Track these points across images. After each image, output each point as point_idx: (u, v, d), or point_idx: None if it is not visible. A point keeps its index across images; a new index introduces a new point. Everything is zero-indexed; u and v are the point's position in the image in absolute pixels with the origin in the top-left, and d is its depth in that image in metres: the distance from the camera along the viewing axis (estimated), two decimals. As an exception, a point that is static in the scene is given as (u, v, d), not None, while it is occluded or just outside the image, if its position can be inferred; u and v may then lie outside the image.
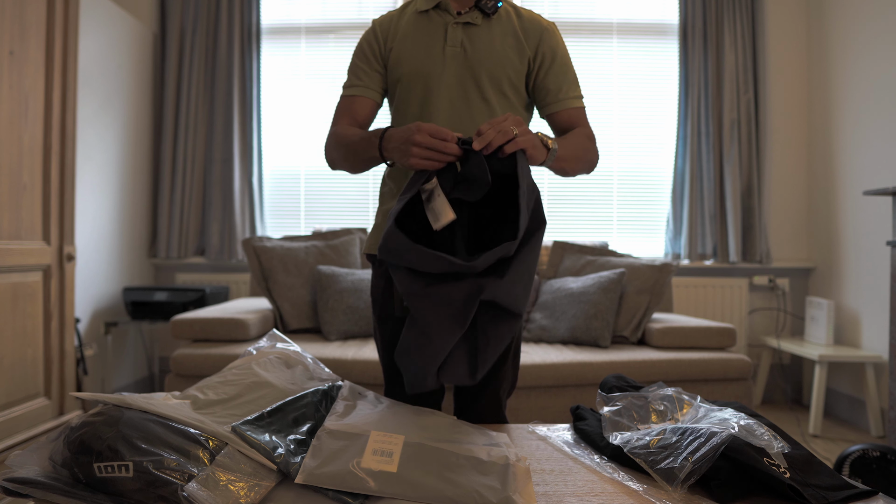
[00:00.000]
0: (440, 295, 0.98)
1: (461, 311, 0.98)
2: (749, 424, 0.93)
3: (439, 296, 0.98)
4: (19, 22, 2.07)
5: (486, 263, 0.98)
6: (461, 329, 0.99)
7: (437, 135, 1.04)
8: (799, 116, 3.59)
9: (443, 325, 0.98)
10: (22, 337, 2.13)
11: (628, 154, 3.58)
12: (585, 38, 3.58)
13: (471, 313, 0.98)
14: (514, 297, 1.02)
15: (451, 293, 0.98)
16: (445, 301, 0.98)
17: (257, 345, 1.17)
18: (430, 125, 1.05)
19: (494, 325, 1.02)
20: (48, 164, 2.24)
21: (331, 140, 1.30)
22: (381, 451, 0.84)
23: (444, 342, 0.98)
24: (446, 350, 0.99)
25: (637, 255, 3.30)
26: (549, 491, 0.88)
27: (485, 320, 1.02)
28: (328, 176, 3.60)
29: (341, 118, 1.33)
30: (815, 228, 3.54)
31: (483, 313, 1.02)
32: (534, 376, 2.30)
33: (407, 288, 1.00)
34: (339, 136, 1.27)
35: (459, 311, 0.98)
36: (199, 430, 0.81)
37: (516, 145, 1.04)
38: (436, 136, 1.04)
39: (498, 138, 1.02)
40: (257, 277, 2.76)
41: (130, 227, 3.36)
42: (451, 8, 1.29)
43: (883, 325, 2.93)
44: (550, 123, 1.35)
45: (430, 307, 0.98)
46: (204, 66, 3.50)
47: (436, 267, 0.98)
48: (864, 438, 2.87)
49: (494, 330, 1.02)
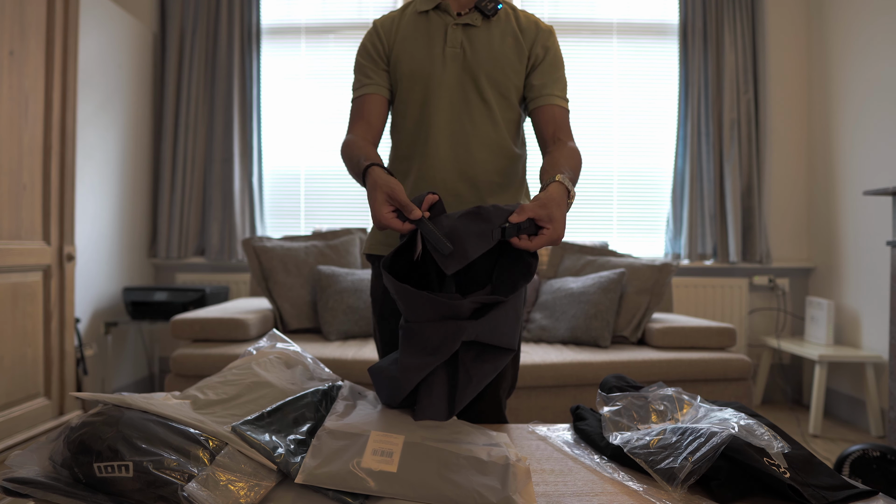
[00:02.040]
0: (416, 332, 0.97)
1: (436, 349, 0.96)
2: (749, 424, 0.93)
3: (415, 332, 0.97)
4: (19, 22, 2.07)
5: (473, 307, 0.97)
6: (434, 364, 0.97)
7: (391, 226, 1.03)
8: (799, 116, 3.59)
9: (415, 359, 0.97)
10: (22, 337, 2.13)
11: (628, 154, 3.58)
12: (585, 38, 3.59)
13: (448, 351, 0.96)
14: (499, 334, 1.00)
15: (427, 332, 0.97)
16: (420, 339, 0.97)
17: (257, 345, 1.17)
18: (385, 217, 1.02)
19: (479, 364, 1.01)
20: (48, 164, 2.24)
21: (343, 151, 1.28)
22: (381, 451, 0.84)
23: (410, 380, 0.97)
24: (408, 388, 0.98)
25: (637, 255, 3.31)
26: (549, 491, 0.88)
27: (468, 358, 1.00)
28: (328, 176, 3.60)
29: (355, 124, 1.31)
30: (815, 228, 3.54)
31: (466, 351, 1.00)
32: (534, 376, 2.30)
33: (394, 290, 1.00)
34: (346, 152, 1.26)
35: (434, 348, 0.96)
36: (199, 430, 0.81)
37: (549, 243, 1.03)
38: (389, 227, 1.03)
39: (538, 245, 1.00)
40: (257, 277, 2.76)
41: (130, 227, 3.36)
42: (450, 9, 1.29)
43: (883, 325, 2.93)
44: (533, 120, 1.33)
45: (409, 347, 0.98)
46: (204, 66, 3.50)
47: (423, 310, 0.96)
48: (864, 438, 2.87)
49: (479, 368, 1.00)
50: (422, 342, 0.97)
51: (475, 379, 1.00)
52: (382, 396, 1.04)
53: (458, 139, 1.27)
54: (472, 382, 1.00)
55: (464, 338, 0.96)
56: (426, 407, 0.99)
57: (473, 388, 1.01)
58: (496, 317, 0.98)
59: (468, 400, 1.01)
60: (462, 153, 1.27)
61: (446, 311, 0.96)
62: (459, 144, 1.27)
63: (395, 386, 0.99)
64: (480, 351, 1.01)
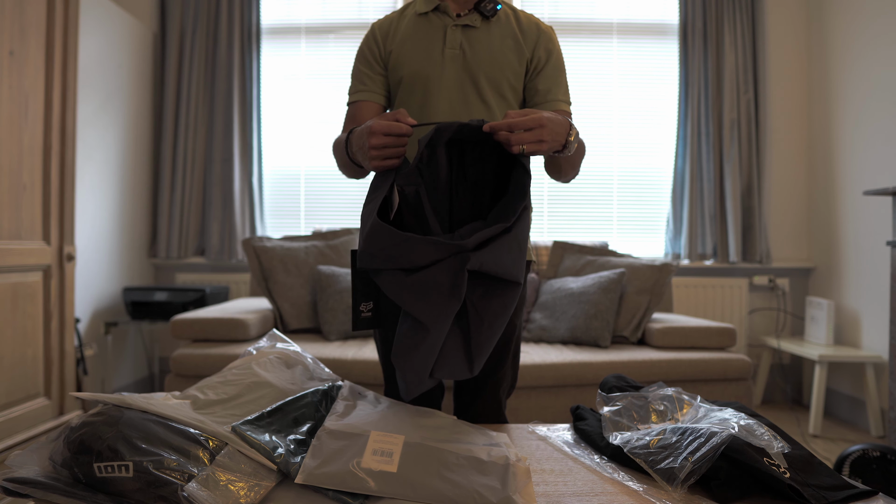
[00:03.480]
0: (425, 281, 0.92)
1: (451, 289, 0.92)
2: (749, 424, 0.93)
3: (424, 282, 0.92)
4: (19, 22, 2.07)
5: (477, 242, 0.94)
6: (457, 304, 0.93)
7: (390, 131, 1.00)
8: (799, 116, 3.59)
9: (435, 309, 0.92)
10: (22, 337, 2.13)
11: (628, 154, 3.58)
12: (585, 38, 3.58)
13: (462, 287, 0.92)
14: (504, 264, 0.97)
15: (436, 276, 0.92)
16: (432, 285, 0.92)
17: (257, 345, 1.17)
18: (380, 124, 1.01)
19: (486, 301, 0.97)
20: (48, 164, 2.24)
21: (332, 151, 1.30)
22: (381, 451, 0.84)
23: (442, 327, 0.93)
24: (441, 337, 0.94)
25: (637, 255, 3.30)
26: (549, 491, 0.88)
27: (476, 297, 0.96)
28: (328, 176, 3.60)
29: (349, 127, 1.32)
30: (815, 228, 3.54)
31: (472, 290, 0.96)
32: (534, 376, 2.30)
33: (395, 286, 0.95)
34: (335, 145, 1.27)
35: (449, 289, 0.92)
36: (199, 430, 0.81)
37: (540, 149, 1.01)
38: (388, 132, 1.01)
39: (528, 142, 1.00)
40: (257, 277, 2.76)
41: (130, 227, 3.36)
42: (450, 10, 1.29)
43: (883, 325, 2.93)
44: None
45: (417, 296, 0.93)
46: (204, 66, 3.50)
47: (427, 254, 0.92)
48: (864, 438, 2.87)
49: (487, 306, 0.97)
50: (436, 287, 0.92)
51: (486, 319, 0.97)
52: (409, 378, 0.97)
53: None
54: (484, 324, 0.96)
55: (468, 266, 0.93)
56: (442, 365, 0.96)
57: (487, 331, 0.97)
58: (499, 246, 0.96)
59: (487, 350, 0.98)
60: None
61: (452, 250, 0.93)
62: (459, 145, 1.28)
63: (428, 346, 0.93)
64: (487, 287, 0.98)
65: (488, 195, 1.12)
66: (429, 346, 0.94)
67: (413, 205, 1.04)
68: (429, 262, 0.93)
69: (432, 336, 0.93)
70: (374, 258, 0.95)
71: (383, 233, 0.93)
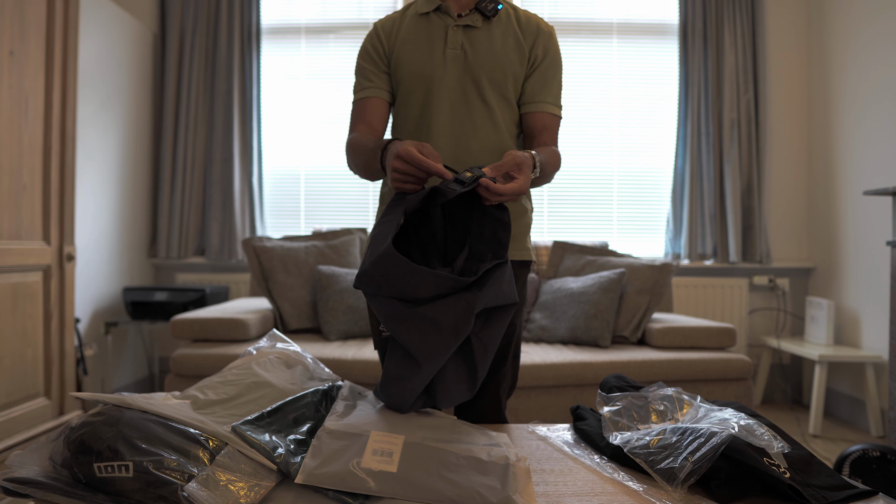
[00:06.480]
0: (426, 316, 0.92)
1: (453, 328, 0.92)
2: (749, 424, 0.93)
3: (424, 317, 0.92)
4: (19, 22, 2.07)
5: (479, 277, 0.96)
6: (455, 344, 0.94)
7: (414, 161, 1.00)
8: (799, 116, 3.59)
9: (431, 346, 0.93)
10: (22, 337, 2.13)
11: (628, 154, 3.58)
12: (585, 38, 3.59)
13: (466, 328, 0.93)
14: (504, 294, 0.99)
15: (437, 313, 0.92)
16: (432, 322, 0.92)
17: (257, 345, 1.17)
18: (410, 153, 1.00)
19: (489, 329, 1.00)
20: (48, 164, 2.24)
21: (348, 148, 1.29)
22: (381, 451, 0.84)
23: (435, 365, 0.94)
24: (432, 374, 0.95)
25: (637, 255, 3.31)
26: (549, 491, 0.88)
27: (477, 328, 0.99)
28: (328, 176, 3.60)
29: (357, 126, 1.32)
30: (814, 228, 3.54)
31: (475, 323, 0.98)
32: (534, 376, 2.30)
33: (390, 312, 0.95)
34: (355, 145, 1.26)
35: (451, 328, 0.92)
36: (199, 430, 0.81)
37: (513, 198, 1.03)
38: (412, 161, 1.01)
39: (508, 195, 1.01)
40: (257, 277, 2.76)
41: (130, 227, 3.36)
42: (451, 10, 1.29)
43: (883, 325, 2.93)
44: (522, 122, 1.33)
45: (413, 331, 0.93)
46: (204, 66, 3.50)
47: (432, 288, 0.92)
48: (864, 438, 2.87)
49: (489, 334, 1.00)
50: (435, 325, 0.92)
51: (490, 346, 1.00)
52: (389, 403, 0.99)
53: (459, 141, 1.27)
54: (488, 350, 1.00)
55: (476, 310, 0.94)
56: (444, 393, 0.97)
57: (489, 354, 1.00)
58: (497, 278, 0.97)
59: (486, 369, 1.00)
60: (463, 155, 1.27)
61: (459, 286, 0.94)
62: (460, 146, 1.27)
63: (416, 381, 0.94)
64: (487, 316, 1.00)
65: None
66: (418, 381, 0.95)
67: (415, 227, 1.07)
68: (431, 295, 0.93)
69: (424, 372, 0.94)
70: (375, 282, 0.95)
71: (394, 260, 0.93)
